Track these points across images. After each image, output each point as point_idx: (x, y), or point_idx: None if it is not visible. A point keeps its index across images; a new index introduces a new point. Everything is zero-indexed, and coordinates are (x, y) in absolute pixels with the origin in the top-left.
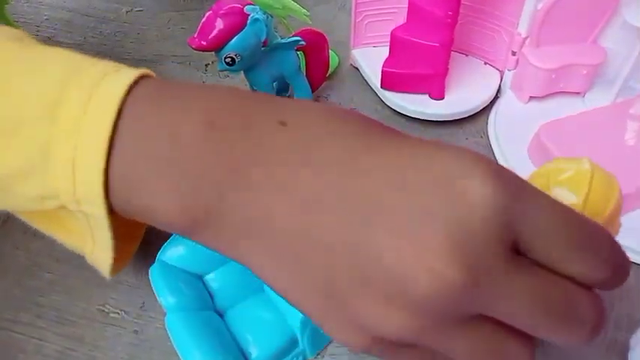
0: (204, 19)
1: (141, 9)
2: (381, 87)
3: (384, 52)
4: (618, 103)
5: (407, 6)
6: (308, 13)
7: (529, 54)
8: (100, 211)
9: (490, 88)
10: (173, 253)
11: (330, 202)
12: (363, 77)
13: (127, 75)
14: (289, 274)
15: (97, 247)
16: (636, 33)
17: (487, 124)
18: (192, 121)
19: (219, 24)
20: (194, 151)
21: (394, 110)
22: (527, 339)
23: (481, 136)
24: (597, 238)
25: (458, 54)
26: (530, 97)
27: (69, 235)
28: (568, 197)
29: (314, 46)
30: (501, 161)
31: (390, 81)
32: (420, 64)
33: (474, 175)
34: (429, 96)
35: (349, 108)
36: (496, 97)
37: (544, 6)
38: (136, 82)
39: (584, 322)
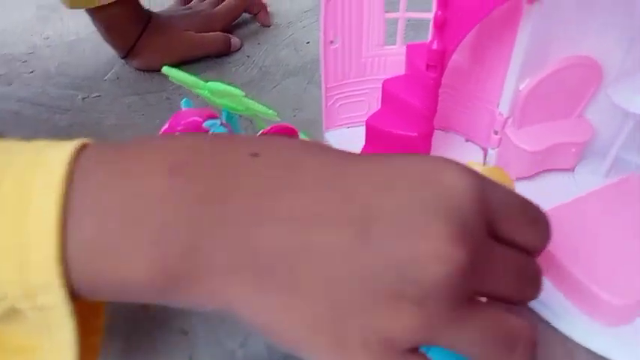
0: (159, 135)
1: (98, 95)
2: None
3: (359, 132)
4: (612, 184)
5: (380, 89)
6: (275, 113)
7: (512, 135)
8: (58, 297)
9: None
10: None
11: (320, 218)
12: None
13: (65, 147)
14: (285, 306)
15: (54, 352)
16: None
17: None
18: (153, 171)
19: None
20: (160, 200)
21: None
22: (523, 318)
23: None
24: (537, 211)
25: (437, 130)
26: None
27: (5, 356)
28: None
29: None
30: None
31: None
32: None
33: (450, 169)
34: None
35: None
36: None
37: (526, 88)
38: (77, 152)
39: (538, 280)
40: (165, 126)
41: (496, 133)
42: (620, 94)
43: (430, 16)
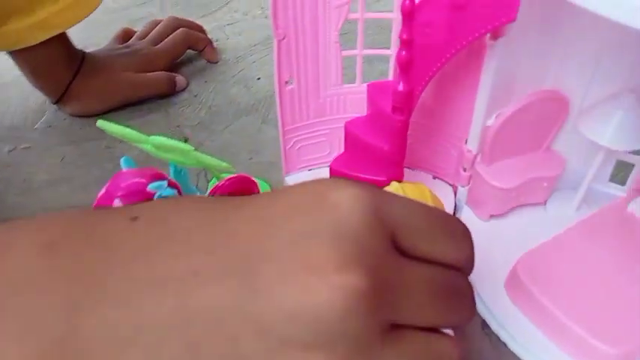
0: (95, 203)
1: (27, 146)
2: None
3: (321, 175)
4: (588, 218)
5: (342, 128)
6: (229, 165)
7: (484, 173)
8: None
9: (446, 208)
10: None
11: (198, 276)
12: None
13: None
14: None
15: None
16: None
17: None
18: (21, 253)
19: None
20: (28, 284)
21: None
22: (447, 335)
23: None
24: (451, 220)
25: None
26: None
27: None
28: None
29: (244, 194)
30: (477, 301)
31: None
32: None
33: (336, 188)
34: None
35: None
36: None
37: (495, 124)
38: None
39: (468, 298)
40: (102, 191)
41: (465, 170)
42: (589, 127)
43: (389, 52)
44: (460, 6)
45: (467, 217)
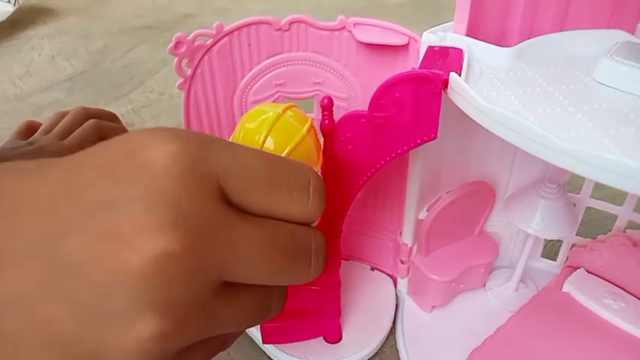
0: None
1: None
2: (264, 343)
3: None
4: (528, 304)
5: None
6: None
7: (422, 265)
8: None
9: (387, 300)
10: None
11: (2, 261)
12: None
13: None
14: None
15: None
16: None
17: (398, 351)
18: None
19: None
20: None
21: None
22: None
23: None
24: (295, 169)
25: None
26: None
27: None
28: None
29: None
30: None
31: (273, 335)
32: (305, 309)
33: (153, 144)
34: (324, 339)
35: None
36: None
37: (428, 218)
38: None
39: (314, 252)
40: None
41: (402, 262)
42: (516, 216)
43: None
44: (380, 125)
45: (409, 308)
